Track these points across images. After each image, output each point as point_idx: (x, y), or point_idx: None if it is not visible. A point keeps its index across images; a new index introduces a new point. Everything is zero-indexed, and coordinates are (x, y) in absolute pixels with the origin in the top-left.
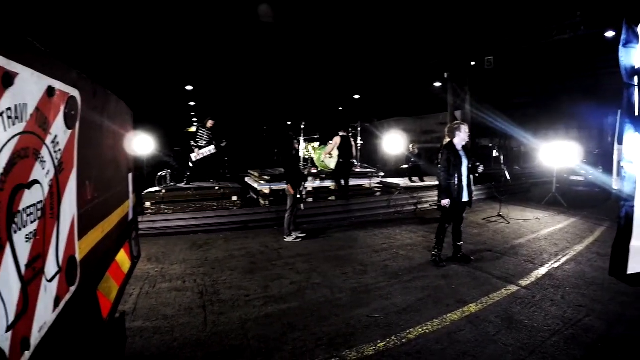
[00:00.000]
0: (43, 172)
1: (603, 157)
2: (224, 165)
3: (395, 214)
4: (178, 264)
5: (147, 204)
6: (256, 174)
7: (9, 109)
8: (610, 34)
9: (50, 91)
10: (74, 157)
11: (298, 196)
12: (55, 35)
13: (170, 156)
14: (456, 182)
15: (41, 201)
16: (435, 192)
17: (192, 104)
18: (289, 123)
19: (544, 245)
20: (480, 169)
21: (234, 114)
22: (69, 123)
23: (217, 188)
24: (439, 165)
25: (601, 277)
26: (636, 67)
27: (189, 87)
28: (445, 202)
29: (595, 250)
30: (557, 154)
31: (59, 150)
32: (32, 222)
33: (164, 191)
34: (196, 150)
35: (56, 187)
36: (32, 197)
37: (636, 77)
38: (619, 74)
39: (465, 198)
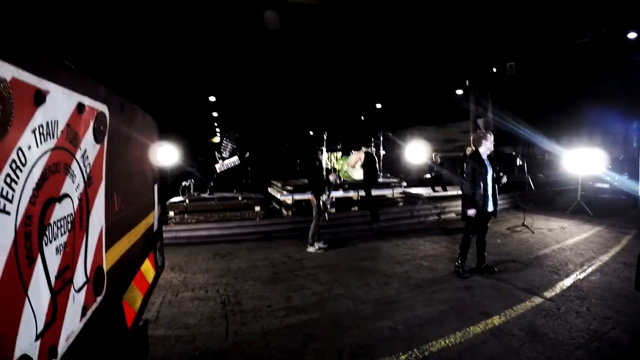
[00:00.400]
0: (73, 186)
1: (629, 163)
2: (247, 175)
3: (418, 224)
4: (201, 274)
5: (171, 213)
6: (279, 184)
7: (41, 125)
8: (632, 35)
9: (80, 107)
10: (102, 171)
11: (322, 207)
12: (82, 50)
13: (194, 166)
14: (482, 192)
15: (71, 214)
16: (459, 202)
17: (215, 114)
18: (311, 133)
19: (569, 256)
20: (504, 179)
21: (257, 124)
22: (97, 138)
23: (240, 198)
24: (464, 175)
25: (628, 288)
26: None
27: (212, 98)
28: (472, 212)
29: (621, 260)
30: (582, 161)
31: (88, 164)
32: (62, 235)
33: (187, 201)
34: (220, 161)
35: (85, 200)
36: (62, 210)
37: None
38: None
39: (490, 208)
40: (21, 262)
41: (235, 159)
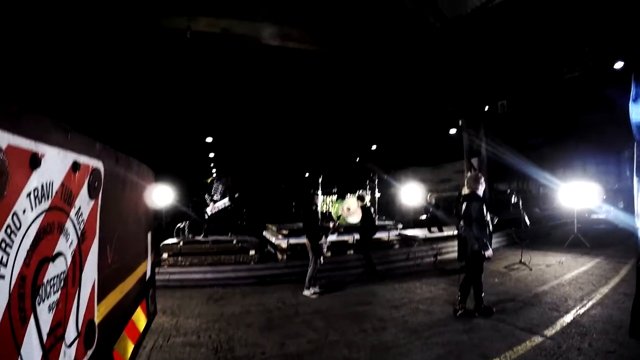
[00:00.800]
0: (66, 244)
1: (623, 192)
2: (242, 216)
3: (415, 266)
4: (193, 318)
5: (165, 255)
6: (274, 228)
7: (36, 188)
8: (619, 64)
9: (75, 166)
10: (96, 226)
11: (318, 252)
12: (77, 94)
13: (189, 206)
14: (488, 233)
15: (64, 271)
16: (455, 242)
17: (211, 155)
18: (307, 174)
19: (568, 291)
20: (495, 219)
21: (253, 166)
22: (92, 194)
23: (234, 242)
24: (474, 216)
25: (629, 320)
26: None
27: (209, 139)
28: (489, 253)
29: (621, 291)
30: (576, 194)
31: (82, 221)
32: (55, 293)
33: (181, 243)
34: (211, 204)
35: (78, 257)
36: (55, 269)
37: None
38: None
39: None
40: (14, 323)
41: (225, 201)
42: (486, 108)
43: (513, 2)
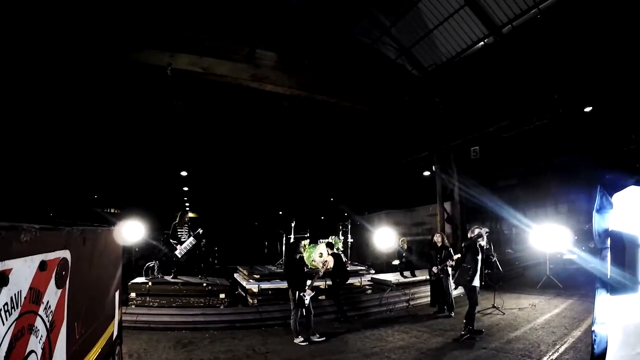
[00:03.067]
0: (37, 340)
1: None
2: (214, 254)
3: (387, 312)
4: None
5: (132, 294)
6: (245, 272)
7: (5, 304)
8: (588, 108)
9: (42, 266)
10: (64, 311)
11: (300, 302)
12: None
13: (161, 240)
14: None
15: None
16: (428, 287)
17: (185, 189)
18: (280, 212)
19: (541, 335)
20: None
21: (226, 203)
22: (59, 284)
23: (204, 284)
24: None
25: None
26: (609, 230)
27: (184, 173)
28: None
29: None
30: (547, 237)
31: (51, 312)
32: None
33: (150, 283)
34: (178, 247)
35: (48, 347)
36: None
37: (608, 240)
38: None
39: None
40: None
41: (191, 240)
42: (460, 154)
43: (485, 53)
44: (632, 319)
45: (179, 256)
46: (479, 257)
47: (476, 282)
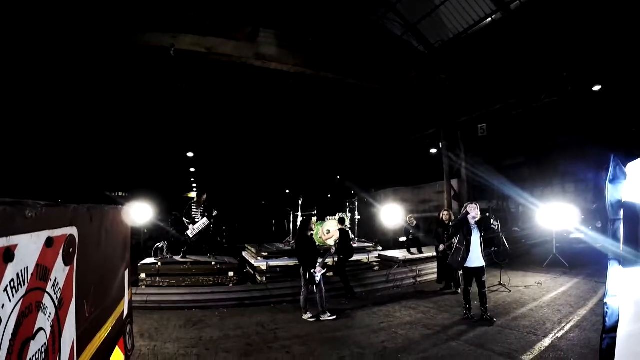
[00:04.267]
0: (45, 318)
1: (600, 212)
2: (222, 234)
3: (394, 288)
4: (171, 343)
5: (143, 275)
6: (253, 249)
7: (12, 280)
8: (597, 87)
9: (48, 242)
10: (72, 288)
11: (310, 279)
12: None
13: (169, 221)
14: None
15: (45, 343)
16: (434, 264)
17: (192, 170)
18: (288, 191)
19: (547, 313)
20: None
21: (234, 182)
22: (67, 261)
23: (213, 263)
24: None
25: None
26: (622, 201)
27: (190, 154)
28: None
29: (600, 312)
30: (555, 215)
31: (59, 290)
32: None
33: (160, 263)
34: (190, 226)
35: (57, 325)
36: (37, 344)
37: (621, 211)
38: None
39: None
40: None
41: (205, 221)
42: (467, 131)
43: (493, 29)
44: None
45: (190, 236)
46: (473, 237)
47: (473, 263)
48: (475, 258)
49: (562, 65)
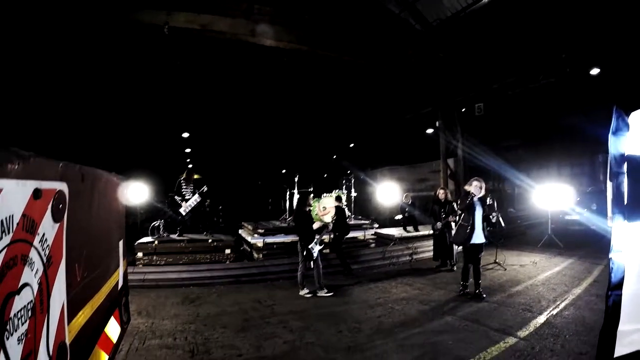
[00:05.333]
0: (32, 274)
1: (596, 195)
2: (218, 214)
3: (390, 265)
4: (169, 319)
5: (140, 254)
6: (250, 227)
7: None
8: (595, 71)
9: (36, 193)
10: (62, 248)
11: (308, 254)
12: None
13: (165, 202)
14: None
15: (31, 301)
16: (430, 242)
17: (187, 150)
18: (284, 171)
19: (541, 291)
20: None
21: (230, 162)
22: (56, 217)
23: (210, 240)
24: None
25: (600, 321)
26: (626, 155)
27: (185, 134)
28: None
29: (594, 292)
30: (550, 196)
31: (47, 246)
32: (23, 324)
33: (156, 242)
34: (182, 203)
35: (45, 283)
36: (22, 301)
37: (625, 165)
38: (608, 111)
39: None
40: None
41: (196, 197)
42: (463, 110)
43: (491, 8)
44: None
45: (183, 214)
46: (476, 213)
47: (476, 240)
48: (479, 234)
49: (560, 47)
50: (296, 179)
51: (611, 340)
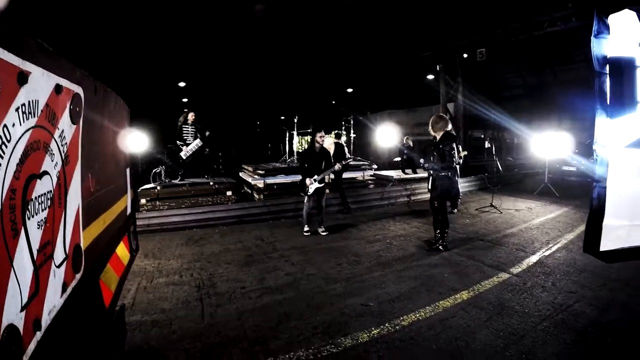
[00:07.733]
0: (52, 164)
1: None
2: (218, 160)
3: (389, 206)
4: (174, 259)
5: (143, 200)
6: (250, 168)
7: (23, 104)
8: None
9: (57, 89)
10: (78, 151)
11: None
12: (57, 34)
13: (164, 153)
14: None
15: (50, 191)
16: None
17: (185, 100)
18: (283, 117)
19: (535, 234)
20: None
21: (228, 109)
22: (74, 118)
23: (211, 183)
24: (447, 156)
25: (592, 265)
26: (608, 57)
27: (182, 84)
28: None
29: None
30: (549, 144)
31: (65, 144)
32: (42, 210)
33: (158, 187)
34: (184, 148)
35: (63, 179)
36: (42, 187)
37: (607, 66)
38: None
39: None
40: (7, 233)
41: (197, 142)
42: (465, 55)
43: None
44: (631, 138)
45: (184, 157)
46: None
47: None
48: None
49: None
50: (295, 120)
51: (597, 233)
